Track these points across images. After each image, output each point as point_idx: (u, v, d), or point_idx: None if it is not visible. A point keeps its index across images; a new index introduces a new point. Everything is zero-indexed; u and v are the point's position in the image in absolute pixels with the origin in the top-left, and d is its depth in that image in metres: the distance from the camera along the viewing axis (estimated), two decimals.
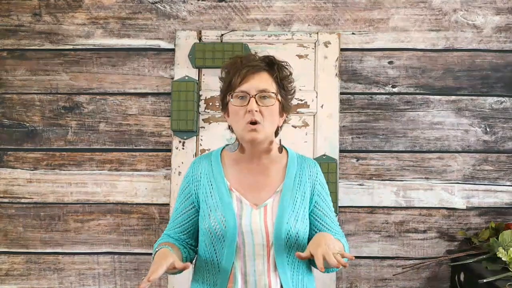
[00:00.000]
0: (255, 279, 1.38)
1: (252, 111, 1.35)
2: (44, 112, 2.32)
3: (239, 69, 1.40)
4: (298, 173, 1.48)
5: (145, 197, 2.28)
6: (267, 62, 1.43)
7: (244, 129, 1.38)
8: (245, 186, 1.45)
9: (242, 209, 1.41)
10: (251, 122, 1.37)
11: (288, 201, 1.42)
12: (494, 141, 2.27)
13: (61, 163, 2.30)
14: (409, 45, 2.29)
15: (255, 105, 1.36)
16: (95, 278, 2.28)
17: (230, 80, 1.41)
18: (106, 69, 2.32)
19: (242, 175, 1.46)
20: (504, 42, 2.29)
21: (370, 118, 2.28)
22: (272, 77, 1.42)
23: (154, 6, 2.32)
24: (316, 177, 1.51)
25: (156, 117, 2.31)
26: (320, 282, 2.13)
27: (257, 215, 1.40)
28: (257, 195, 1.44)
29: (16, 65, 2.33)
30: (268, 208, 1.42)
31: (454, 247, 2.25)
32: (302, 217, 1.44)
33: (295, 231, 1.40)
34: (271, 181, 1.46)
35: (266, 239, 1.39)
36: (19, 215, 2.30)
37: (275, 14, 2.30)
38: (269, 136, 1.43)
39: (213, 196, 1.43)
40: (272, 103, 1.39)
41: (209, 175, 1.46)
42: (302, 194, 1.46)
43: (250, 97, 1.37)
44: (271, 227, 1.39)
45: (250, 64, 1.40)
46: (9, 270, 2.30)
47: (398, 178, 2.27)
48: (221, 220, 1.39)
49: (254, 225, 1.39)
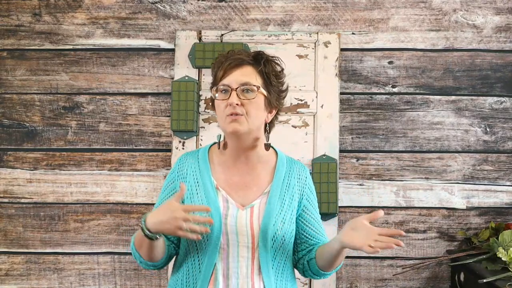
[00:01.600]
0: (238, 282, 1.34)
1: (232, 104, 1.32)
2: (44, 112, 2.32)
3: (222, 63, 1.37)
4: (287, 175, 1.45)
5: (145, 197, 2.28)
6: (253, 56, 1.39)
7: (225, 121, 1.35)
8: (232, 185, 1.41)
9: (228, 209, 1.37)
10: (231, 114, 1.33)
11: (275, 203, 1.39)
12: (494, 141, 2.27)
13: (61, 163, 2.30)
14: (409, 45, 2.29)
15: (235, 98, 1.32)
16: (95, 278, 2.28)
17: (215, 75, 1.39)
18: (106, 69, 2.32)
19: (229, 174, 1.42)
20: (504, 42, 2.29)
21: (370, 118, 2.28)
22: (257, 71, 1.37)
23: (154, 6, 2.32)
24: (305, 181, 1.48)
25: (156, 117, 2.31)
26: (320, 281, 2.14)
27: (243, 215, 1.37)
28: (244, 195, 1.40)
29: (16, 65, 2.33)
30: (255, 209, 1.38)
31: (454, 247, 2.25)
32: (289, 220, 1.41)
33: (281, 233, 1.37)
34: (259, 181, 1.42)
35: (252, 240, 1.36)
36: (19, 215, 2.30)
37: (275, 14, 2.30)
38: (253, 130, 1.37)
39: (199, 194, 1.39)
40: (253, 96, 1.34)
41: (195, 173, 1.42)
42: (290, 197, 1.43)
43: (231, 90, 1.34)
44: (257, 228, 1.36)
45: (233, 57, 1.37)
46: (9, 270, 2.30)
47: (398, 178, 2.27)
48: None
49: (240, 225, 1.35)
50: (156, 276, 2.26)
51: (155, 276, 2.26)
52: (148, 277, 2.26)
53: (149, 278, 2.26)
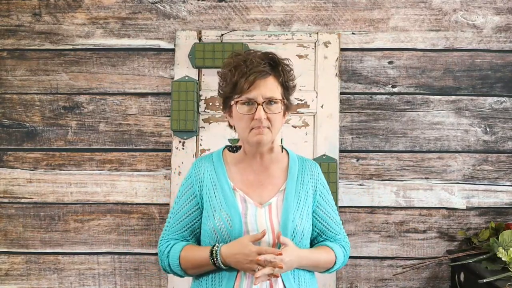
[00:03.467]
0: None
1: (260, 120, 1.37)
2: (44, 112, 2.32)
3: (245, 74, 1.38)
4: (300, 172, 1.50)
5: (145, 197, 2.28)
6: (271, 64, 1.42)
7: (250, 133, 1.40)
8: (248, 185, 1.46)
9: (247, 208, 1.41)
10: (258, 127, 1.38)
11: (292, 200, 1.43)
12: (494, 141, 2.27)
13: (61, 163, 2.30)
14: (409, 45, 2.29)
15: (263, 113, 1.37)
16: (95, 278, 2.28)
17: (235, 83, 1.39)
18: (106, 69, 2.32)
19: (245, 175, 1.47)
20: (504, 42, 2.29)
21: (370, 118, 2.28)
22: (278, 81, 1.42)
23: (154, 6, 2.32)
24: (318, 177, 1.53)
25: (156, 117, 2.31)
26: (320, 281, 2.13)
27: (263, 213, 1.41)
28: (261, 194, 1.44)
29: (16, 65, 2.33)
30: (273, 206, 1.43)
31: (454, 247, 2.25)
32: (306, 216, 1.45)
33: (300, 228, 1.42)
34: (274, 180, 1.47)
35: (272, 237, 1.39)
36: (19, 215, 2.30)
37: (275, 14, 2.30)
38: (274, 138, 1.46)
39: (217, 196, 1.43)
40: (278, 110, 1.41)
41: (212, 176, 1.46)
42: (305, 193, 1.47)
43: (257, 105, 1.38)
44: (277, 224, 1.40)
45: (256, 70, 1.38)
46: (9, 270, 2.30)
47: (398, 178, 2.27)
48: (227, 219, 1.39)
49: (260, 223, 1.39)
50: (156, 276, 2.26)
51: (155, 276, 2.26)
52: (148, 277, 2.26)
53: (149, 278, 2.26)
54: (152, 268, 2.26)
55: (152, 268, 2.26)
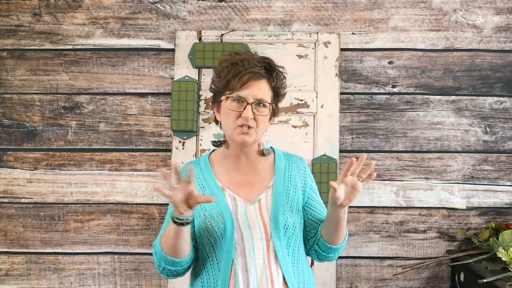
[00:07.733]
0: (257, 273, 1.38)
1: (247, 118, 1.39)
2: (44, 112, 2.32)
3: (240, 72, 1.40)
4: (287, 168, 1.52)
5: (145, 197, 2.28)
6: (267, 68, 1.44)
7: (235, 131, 1.41)
8: (236, 185, 1.47)
9: (237, 206, 1.43)
10: (242, 125, 1.40)
11: (281, 194, 1.46)
12: (494, 141, 2.27)
13: (61, 163, 2.30)
14: (409, 45, 2.29)
15: (250, 113, 1.39)
16: (95, 278, 2.28)
17: (229, 80, 1.41)
18: (106, 69, 2.32)
19: (232, 174, 1.49)
20: (504, 42, 2.29)
21: (370, 118, 2.28)
22: (270, 86, 1.45)
23: (154, 6, 2.32)
24: (305, 171, 1.56)
25: (156, 117, 2.31)
26: (320, 281, 2.14)
27: (253, 209, 1.43)
28: (250, 193, 1.47)
29: (16, 65, 2.33)
30: (262, 202, 1.45)
31: (454, 247, 2.25)
32: (296, 209, 1.47)
33: (291, 221, 1.44)
34: (261, 177, 1.50)
35: (264, 231, 1.41)
36: (19, 215, 2.30)
37: (275, 14, 2.30)
38: (258, 140, 1.48)
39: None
40: (266, 113, 1.43)
41: (200, 179, 1.49)
42: (294, 187, 1.49)
43: (247, 104, 1.40)
44: (268, 218, 1.42)
45: (251, 71, 1.41)
46: (9, 270, 2.30)
47: (398, 178, 2.27)
48: (218, 218, 1.41)
49: (251, 219, 1.41)
50: (156, 276, 2.26)
51: (155, 276, 2.26)
52: (148, 277, 2.26)
53: (149, 278, 2.26)
54: (152, 268, 2.26)
55: (152, 268, 2.26)
